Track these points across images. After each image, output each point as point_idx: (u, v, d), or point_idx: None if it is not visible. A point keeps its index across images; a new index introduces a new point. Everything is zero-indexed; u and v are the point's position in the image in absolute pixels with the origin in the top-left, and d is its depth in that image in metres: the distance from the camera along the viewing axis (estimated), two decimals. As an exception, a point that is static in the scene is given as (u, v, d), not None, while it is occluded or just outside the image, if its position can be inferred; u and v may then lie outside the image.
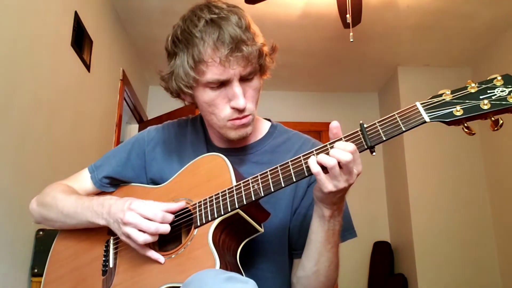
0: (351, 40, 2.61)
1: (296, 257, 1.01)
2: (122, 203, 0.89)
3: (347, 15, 2.61)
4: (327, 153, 0.78)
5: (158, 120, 3.57)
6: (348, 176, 0.77)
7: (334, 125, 0.81)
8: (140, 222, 0.85)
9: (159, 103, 4.32)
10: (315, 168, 0.78)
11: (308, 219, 0.94)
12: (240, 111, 0.91)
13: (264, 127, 1.07)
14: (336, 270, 0.93)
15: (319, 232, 0.88)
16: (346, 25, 2.77)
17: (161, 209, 0.87)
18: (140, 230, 0.85)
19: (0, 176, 1.66)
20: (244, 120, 0.92)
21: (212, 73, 0.87)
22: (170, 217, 0.88)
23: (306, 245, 0.92)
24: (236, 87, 0.89)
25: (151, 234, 0.85)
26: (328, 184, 0.78)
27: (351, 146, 0.76)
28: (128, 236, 0.86)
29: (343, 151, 0.76)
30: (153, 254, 0.88)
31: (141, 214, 0.85)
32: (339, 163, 0.76)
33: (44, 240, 1.90)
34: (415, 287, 3.64)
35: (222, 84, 0.89)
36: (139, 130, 3.92)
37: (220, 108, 0.92)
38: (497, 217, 3.67)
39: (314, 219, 0.88)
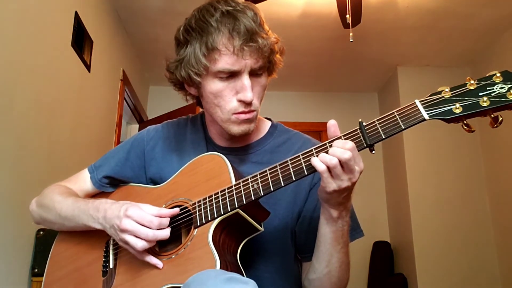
0: (351, 40, 2.61)
1: (305, 260, 1.01)
2: (118, 209, 0.87)
3: (347, 15, 2.61)
4: (327, 152, 0.78)
5: (158, 120, 3.56)
6: (351, 175, 0.77)
7: (332, 123, 0.81)
8: (138, 229, 0.84)
9: (159, 103, 4.32)
10: (321, 167, 0.77)
11: (314, 222, 0.94)
12: (247, 104, 0.91)
13: (264, 127, 1.07)
14: (348, 270, 0.93)
15: (327, 233, 0.87)
16: (346, 25, 2.77)
17: (156, 214, 0.86)
18: (137, 237, 0.84)
19: (0, 176, 1.65)
20: (248, 115, 0.92)
21: (224, 62, 0.87)
22: (166, 221, 0.86)
23: (316, 247, 0.91)
24: (246, 79, 0.89)
25: (149, 241, 0.84)
26: (331, 184, 0.78)
27: (349, 144, 0.76)
28: (126, 243, 0.85)
29: (342, 149, 0.76)
30: (151, 259, 0.87)
31: (138, 221, 0.84)
32: (340, 162, 0.76)
33: (44, 240, 1.90)
34: (415, 286, 3.64)
35: (232, 75, 0.89)
36: (139, 130, 3.91)
37: (227, 100, 0.91)
38: (496, 217, 3.66)
39: (321, 221, 0.88)
